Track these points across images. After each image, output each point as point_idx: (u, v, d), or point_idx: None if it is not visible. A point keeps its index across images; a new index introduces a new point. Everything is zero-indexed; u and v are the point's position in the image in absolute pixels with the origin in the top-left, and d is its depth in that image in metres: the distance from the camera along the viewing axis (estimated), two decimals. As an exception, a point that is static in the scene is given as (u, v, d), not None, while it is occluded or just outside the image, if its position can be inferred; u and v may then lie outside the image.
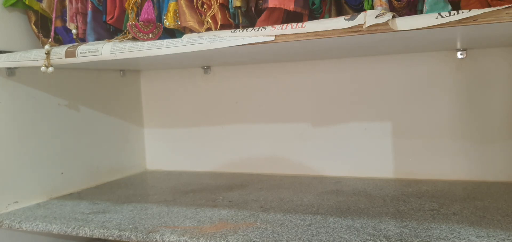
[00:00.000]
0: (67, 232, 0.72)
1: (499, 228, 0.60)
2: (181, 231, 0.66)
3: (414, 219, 0.66)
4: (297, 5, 0.63)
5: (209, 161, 1.14)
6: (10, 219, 0.78)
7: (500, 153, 0.88)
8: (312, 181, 0.96)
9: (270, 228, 0.65)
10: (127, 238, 0.67)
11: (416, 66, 0.92)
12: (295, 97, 1.03)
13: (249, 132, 1.09)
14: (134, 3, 0.73)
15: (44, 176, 0.90)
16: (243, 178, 1.03)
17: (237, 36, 0.61)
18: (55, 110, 0.93)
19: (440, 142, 0.92)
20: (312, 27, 0.57)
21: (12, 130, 0.84)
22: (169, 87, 1.17)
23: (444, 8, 0.55)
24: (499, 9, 0.49)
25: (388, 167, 0.96)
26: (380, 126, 0.96)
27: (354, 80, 0.98)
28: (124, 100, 1.14)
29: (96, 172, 1.04)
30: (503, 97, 0.87)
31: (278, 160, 1.06)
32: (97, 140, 1.04)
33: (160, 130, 1.19)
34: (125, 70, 1.14)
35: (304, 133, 1.03)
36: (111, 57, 0.70)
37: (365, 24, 0.54)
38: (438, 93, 0.91)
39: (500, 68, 0.87)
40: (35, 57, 0.76)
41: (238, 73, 1.09)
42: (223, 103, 1.11)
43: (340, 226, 0.65)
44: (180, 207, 0.80)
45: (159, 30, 0.71)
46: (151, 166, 1.22)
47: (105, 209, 0.81)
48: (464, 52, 0.88)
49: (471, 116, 0.89)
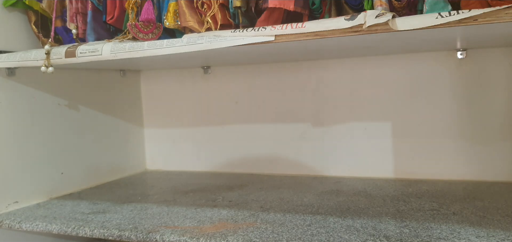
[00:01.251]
0: (67, 232, 0.72)
1: (499, 228, 0.60)
2: (181, 231, 0.66)
3: (414, 219, 0.66)
4: (297, 5, 0.63)
5: (209, 161, 1.14)
6: (10, 219, 0.78)
7: (500, 153, 0.88)
8: (312, 181, 0.96)
9: (270, 228, 0.65)
10: (127, 238, 0.67)
11: (416, 66, 0.92)
12: (295, 97, 1.03)
13: (249, 132, 1.09)
14: (134, 3, 0.73)
15: (44, 176, 0.90)
16: (243, 178, 1.03)
17: (237, 36, 0.61)
18: (55, 110, 0.93)
19: (440, 142, 0.92)
20: (312, 27, 0.57)
21: (12, 129, 0.84)
22: (169, 87, 1.17)
23: (444, 8, 0.55)
24: (499, 9, 0.49)
25: (388, 167, 0.96)
26: (380, 126, 0.96)
27: (354, 80, 0.98)
28: (124, 100, 1.14)
29: (96, 172, 1.04)
30: (503, 97, 0.87)
31: (278, 160, 1.06)
32: (97, 139, 1.04)
33: (160, 130, 1.19)
34: (125, 70, 1.14)
35: (304, 133, 1.03)
36: (111, 57, 0.70)
37: (365, 24, 0.54)
38: (438, 93, 0.91)
39: (500, 68, 0.87)
40: (35, 57, 0.76)
41: (238, 73, 1.08)
42: (223, 103, 1.11)
43: (340, 226, 0.65)
44: (180, 207, 0.80)
45: (159, 30, 0.71)
46: (151, 166, 1.22)
47: (105, 209, 0.81)
48: (464, 52, 0.88)
49: (471, 116, 0.89)
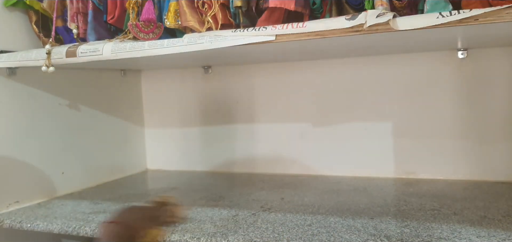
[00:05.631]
0: (68, 231, 0.72)
1: (499, 228, 0.60)
2: (182, 231, 0.66)
3: (415, 219, 0.66)
4: (297, 5, 0.63)
5: (210, 160, 1.14)
6: (11, 218, 0.78)
7: (501, 153, 0.88)
8: (313, 181, 0.96)
9: (270, 227, 0.65)
10: (127, 237, 0.67)
11: (416, 66, 0.92)
12: (296, 97, 1.03)
13: (249, 131, 1.09)
14: (135, 3, 0.73)
15: (45, 176, 0.90)
16: (243, 178, 1.03)
17: (238, 36, 0.61)
18: (56, 110, 0.93)
19: (441, 141, 0.92)
20: (312, 27, 0.57)
21: (13, 129, 0.84)
22: (170, 87, 1.17)
23: (445, 8, 0.55)
24: (500, 8, 0.49)
25: (388, 167, 0.96)
26: (381, 126, 0.96)
27: (354, 80, 0.98)
28: (124, 100, 1.14)
29: (97, 171, 1.04)
30: (504, 97, 0.87)
31: (278, 159, 1.06)
32: (98, 139, 1.04)
33: (161, 130, 1.19)
34: (125, 70, 1.14)
35: (304, 133, 1.03)
36: (112, 57, 0.70)
37: (366, 24, 0.54)
38: (439, 93, 0.91)
39: (501, 68, 0.87)
40: (36, 57, 0.76)
41: (239, 73, 1.08)
42: (223, 103, 1.11)
43: (340, 226, 0.65)
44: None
45: (159, 30, 0.71)
46: (152, 166, 1.22)
47: (106, 209, 0.81)
48: (465, 52, 0.88)
49: (472, 116, 0.89)
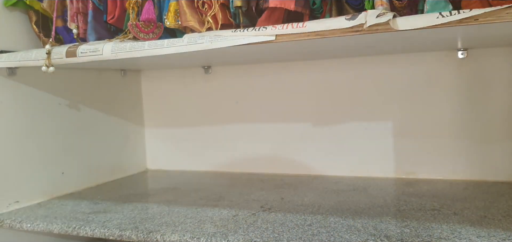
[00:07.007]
0: (68, 231, 0.72)
1: (500, 228, 0.60)
2: (182, 230, 0.66)
3: (415, 219, 0.66)
4: (297, 5, 0.63)
5: (210, 160, 1.14)
6: (11, 218, 0.78)
7: (501, 153, 0.88)
8: (313, 181, 0.96)
9: (270, 227, 0.65)
10: (128, 237, 0.67)
11: (416, 66, 0.92)
12: (296, 97, 1.03)
13: (249, 131, 1.09)
14: (135, 3, 0.73)
15: (45, 176, 0.91)
16: (243, 178, 1.03)
17: (238, 36, 0.61)
18: (56, 110, 0.93)
19: (440, 141, 0.92)
20: (313, 27, 0.57)
21: (13, 129, 0.84)
22: (170, 87, 1.17)
23: (445, 8, 0.55)
24: (500, 8, 0.49)
25: (388, 167, 0.96)
26: (381, 126, 0.96)
27: (354, 80, 0.98)
28: (124, 100, 1.14)
29: (97, 171, 1.04)
30: (504, 97, 0.87)
31: (278, 159, 1.06)
32: (98, 139, 1.04)
33: (161, 130, 1.19)
34: (125, 70, 1.14)
35: (304, 133, 1.03)
36: (112, 57, 0.70)
37: (366, 24, 0.54)
38: (439, 93, 0.91)
39: (501, 68, 0.87)
40: (36, 57, 0.76)
41: (239, 73, 1.09)
42: (223, 103, 1.11)
43: (340, 226, 0.65)
44: (181, 206, 0.80)
45: (159, 30, 0.71)
46: (152, 166, 1.22)
47: (106, 209, 0.81)
48: (465, 52, 0.88)
49: (472, 116, 0.89)
